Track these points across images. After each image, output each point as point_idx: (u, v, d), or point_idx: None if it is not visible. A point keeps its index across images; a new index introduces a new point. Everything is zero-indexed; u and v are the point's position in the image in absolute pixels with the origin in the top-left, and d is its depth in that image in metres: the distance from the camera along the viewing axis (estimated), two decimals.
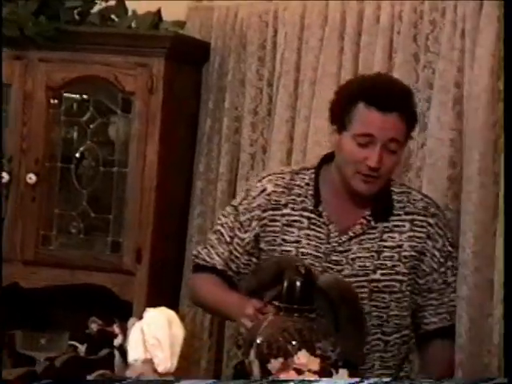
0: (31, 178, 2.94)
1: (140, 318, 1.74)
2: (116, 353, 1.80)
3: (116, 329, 1.83)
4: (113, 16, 3.04)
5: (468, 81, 2.49)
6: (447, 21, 2.53)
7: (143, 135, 2.91)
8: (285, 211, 2.18)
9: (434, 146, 2.56)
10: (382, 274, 2.13)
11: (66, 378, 1.76)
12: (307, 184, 2.19)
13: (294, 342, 1.76)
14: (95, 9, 3.03)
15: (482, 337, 2.44)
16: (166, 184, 2.97)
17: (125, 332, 1.76)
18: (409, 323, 2.20)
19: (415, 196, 2.20)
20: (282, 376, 1.66)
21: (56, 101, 2.99)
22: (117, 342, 1.81)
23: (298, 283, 1.83)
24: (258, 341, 1.78)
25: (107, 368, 1.80)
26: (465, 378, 2.12)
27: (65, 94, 3.00)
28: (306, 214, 2.17)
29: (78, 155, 3.02)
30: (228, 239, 2.23)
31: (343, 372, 1.69)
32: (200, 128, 3.09)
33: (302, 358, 1.69)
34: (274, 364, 1.70)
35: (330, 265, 2.13)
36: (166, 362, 1.65)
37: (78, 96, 3.04)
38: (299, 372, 1.67)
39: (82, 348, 1.93)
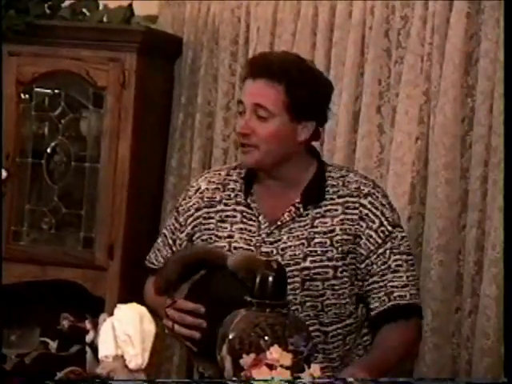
0: (2, 173, 2.92)
1: (111, 314, 1.73)
2: (87, 349, 1.79)
3: (88, 325, 1.82)
4: (84, 10, 3.02)
5: (437, 76, 2.51)
6: (416, 16, 2.54)
7: (115, 130, 2.89)
8: (219, 207, 2.16)
9: (401, 140, 2.57)
10: (312, 261, 2.07)
11: (36, 375, 1.74)
12: (242, 178, 2.17)
13: (266, 338, 1.76)
14: (66, 3, 3.00)
15: (449, 330, 2.46)
16: (138, 179, 2.95)
17: (96, 328, 1.75)
18: (351, 312, 2.12)
19: (350, 178, 2.12)
20: (254, 371, 1.66)
21: (27, 95, 2.97)
22: (88, 338, 1.80)
23: (271, 278, 1.83)
24: (230, 336, 1.78)
25: (79, 364, 1.79)
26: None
27: (36, 89, 2.97)
28: (239, 208, 2.14)
29: (49, 150, 3.00)
30: (170, 241, 2.23)
31: (315, 367, 1.69)
32: (172, 123, 3.08)
33: (275, 353, 1.68)
34: (246, 359, 1.70)
35: None
36: (137, 358, 1.64)
37: (49, 91, 3.02)
38: (271, 367, 1.67)
39: (53, 344, 1.91)
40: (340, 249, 2.08)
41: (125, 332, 1.64)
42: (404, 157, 2.57)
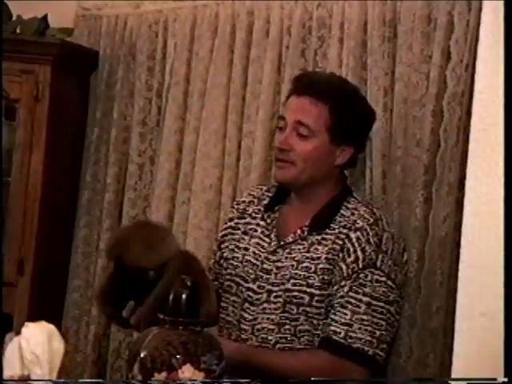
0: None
1: (20, 331, 1.69)
2: None
3: None
4: None
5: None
6: (334, 36, 2.56)
7: (28, 144, 2.84)
8: (247, 220, 2.21)
9: None
10: (294, 284, 2.08)
11: None
12: (273, 194, 2.22)
13: (178, 356, 1.74)
14: None
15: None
16: (51, 194, 2.90)
17: (2, 346, 1.70)
18: None
19: (358, 211, 2.10)
20: None
21: None
22: None
23: (184, 296, 1.82)
24: (142, 355, 1.75)
25: None
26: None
27: None
28: (262, 223, 2.19)
29: None
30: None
31: None
32: (87, 137, 3.04)
33: (187, 371, 1.67)
34: (158, 378, 1.68)
35: (261, 273, 2.13)
36: (44, 378, 1.61)
37: None
38: None
39: None
40: (321, 277, 2.07)
41: (32, 351, 1.61)
42: None
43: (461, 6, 2.33)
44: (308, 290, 2.07)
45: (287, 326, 2.08)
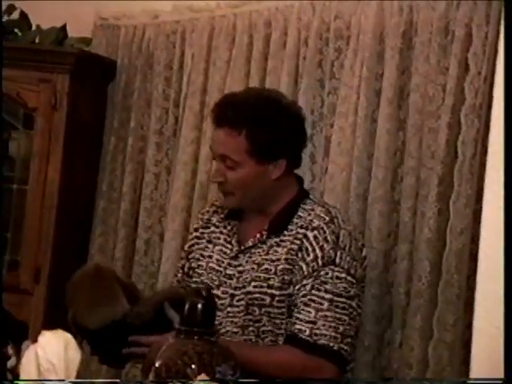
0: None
1: (36, 339, 1.69)
2: (8, 376, 1.74)
3: (10, 350, 1.78)
4: (16, 30, 2.98)
5: (364, 108, 2.51)
6: (350, 48, 2.56)
7: (45, 152, 2.86)
8: (211, 229, 2.25)
9: (333, 171, 2.58)
10: (254, 286, 2.12)
11: None
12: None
13: (193, 366, 1.74)
14: None
15: (381, 363, 2.43)
16: (67, 202, 2.91)
17: (19, 354, 1.71)
18: None
19: (315, 211, 2.14)
20: None
21: None
22: (10, 364, 1.76)
23: (200, 306, 1.82)
24: (157, 364, 1.75)
25: None
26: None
27: None
28: (224, 230, 2.23)
29: None
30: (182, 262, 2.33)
31: None
32: (104, 146, 3.05)
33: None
34: None
35: (224, 279, 2.17)
36: None
37: None
38: None
39: None
40: (281, 277, 2.11)
41: (48, 360, 1.61)
42: (336, 187, 2.56)
43: (479, 18, 2.33)
44: (269, 291, 2.11)
45: (251, 328, 2.12)
